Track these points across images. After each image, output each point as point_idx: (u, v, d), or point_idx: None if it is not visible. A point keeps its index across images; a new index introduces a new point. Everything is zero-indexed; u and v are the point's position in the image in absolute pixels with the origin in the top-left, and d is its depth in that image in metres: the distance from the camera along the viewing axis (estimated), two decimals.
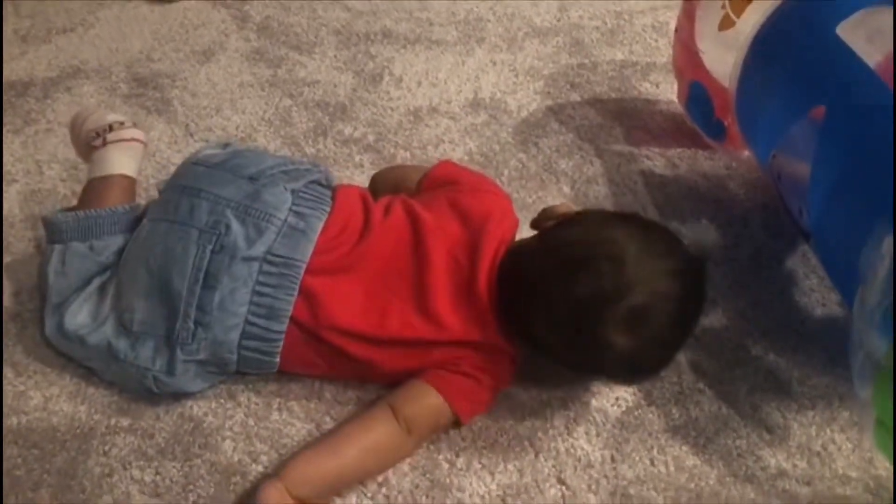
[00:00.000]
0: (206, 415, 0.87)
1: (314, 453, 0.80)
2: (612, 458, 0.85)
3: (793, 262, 1.07)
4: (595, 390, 0.91)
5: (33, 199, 1.11)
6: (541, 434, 0.87)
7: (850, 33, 0.87)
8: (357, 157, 1.21)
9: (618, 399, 0.90)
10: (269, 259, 0.83)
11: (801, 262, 1.07)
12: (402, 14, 1.54)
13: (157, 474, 0.82)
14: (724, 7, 1.12)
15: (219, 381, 0.89)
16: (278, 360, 0.85)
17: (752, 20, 1.03)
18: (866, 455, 0.86)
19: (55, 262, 0.90)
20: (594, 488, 0.82)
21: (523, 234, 0.91)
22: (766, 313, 1.00)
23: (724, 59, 1.08)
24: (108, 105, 1.29)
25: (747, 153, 1.17)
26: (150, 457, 0.83)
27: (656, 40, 1.50)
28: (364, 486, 0.81)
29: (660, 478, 0.84)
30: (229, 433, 0.85)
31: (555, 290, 0.80)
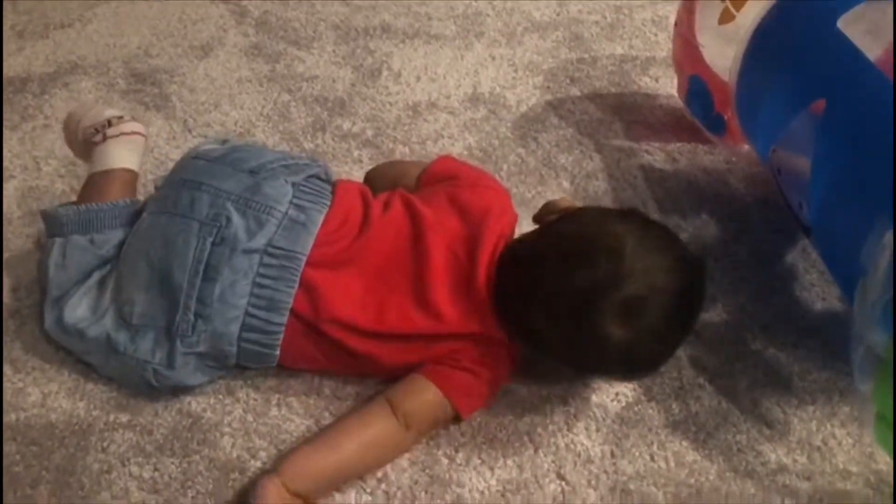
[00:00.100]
0: (204, 411, 0.87)
1: (311, 448, 0.80)
2: (612, 454, 0.85)
3: (793, 256, 1.07)
4: (595, 386, 0.91)
5: (31, 196, 1.10)
6: (540, 429, 0.87)
7: (851, 26, 0.87)
8: (356, 153, 1.21)
9: (617, 394, 0.90)
10: (270, 251, 0.83)
11: (801, 256, 1.07)
12: (400, 9, 1.54)
13: (156, 470, 0.82)
14: (723, 1, 1.12)
15: (218, 377, 0.88)
16: (278, 353, 0.84)
17: (751, 14, 1.03)
18: (867, 450, 0.86)
19: (55, 255, 0.89)
20: (594, 484, 0.82)
21: (523, 230, 0.91)
22: (766, 308, 1.00)
23: (723, 54, 1.08)
24: (106, 101, 1.29)
25: (747, 147, 1.17)
26: (149, 453, 0.83)
27: (656, 34, 1.49)
28: (363, 481, 0.81)
29: (660, 473, 0.84)
30: (228, 429, 0.85)
31: (553, 281, 0.79)
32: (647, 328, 0.78)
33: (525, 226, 0.91)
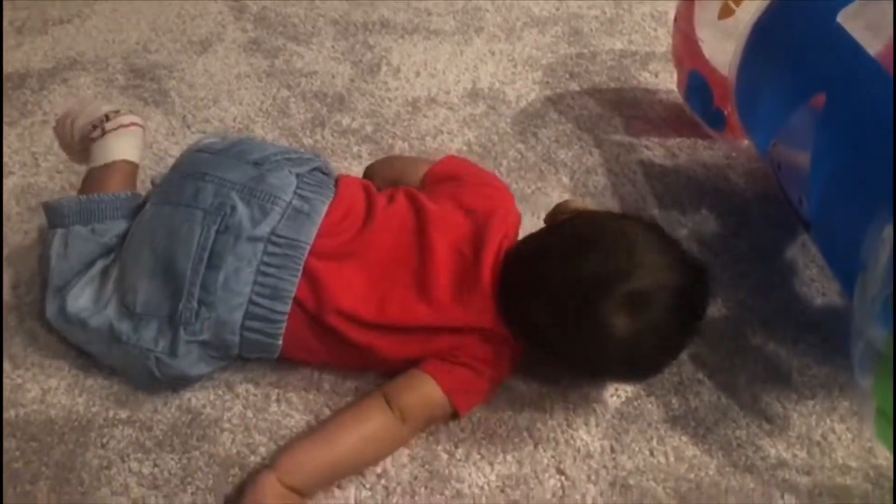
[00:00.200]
0: (204, 407, 0.87)
1: (307, 443, 0.80)
2: (612, 449, 0.85)
3: (793, 251, 1.07)
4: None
5: (29, 192, 1.10)
6: (540, 425, 0.87)
7: (851, 21, 0.87)
8: (355, 148, 1.21)
9: (617, 390, 0.90)
10: (274, 240, 0.83)
11: (801, 251, 1.07)
12: (399, 4, 1.53)
13: (156, 466, 0.82)
14: None
15: (218, 372, 0.88)
16: (280, 342, 0.84)
17: (751, 9, 1.02)
18: (866, 445, 0.86)
19: (57, 245, 0.89)
20: (593, 479, 0.82)
21: (524, 228, 0.91)
22: (765, 303, 1.00)
23: (723, 48, 1.08)
24: (104, 97, 1.28)
25: (747, 142, 1.17)
26: (149, 449, 0.83)
27: (655, 29, 1.49)
28: (363, 477, 0.81)
29: (659, 468, 0.84)
30: (228, 425, 0.85)
31: (562, 271, 0.80)
32: (650, 323, 0.78)
33: (526, 229, 0.91)
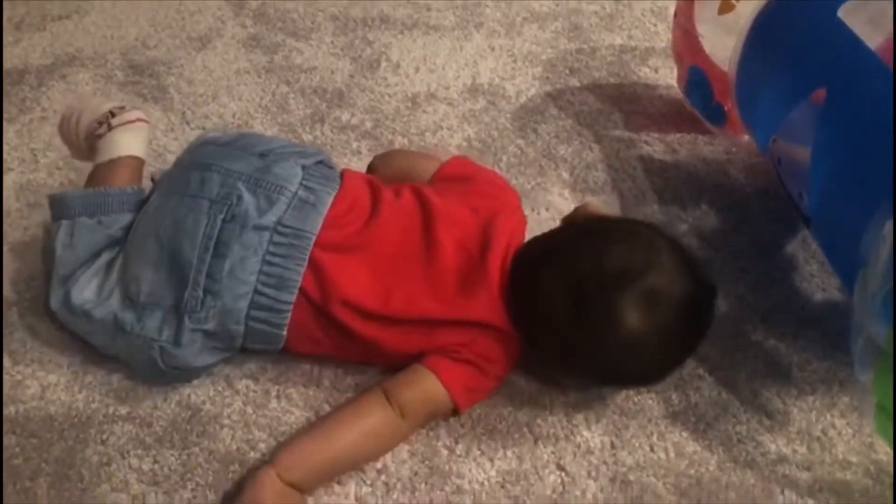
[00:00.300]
0: (204, 403, 0.87)
1: (307, 439, 0.80)
2: (612, 445, 0.85)
3: (793, 247, 1.07)
4: None
5: (29, 188, 1.10)
6: (540, 421, 0.87)
7: (852, 15, 0.87)
8: (355, 144, 1.20)
9: None
10: (280, 230, 0.83)
11: (801, 247, 1.06)
12: None
13: (156, 462, 0.82)
14: None
15: (218, 367, 0.88)
16: (285, 333, 0.84)
17: (751, 4, 1.02)
18: (867, 440, 0.86)
19: (62, 236, 0.88)
20: (594, 474, 0.82)
21: (530, 229, 0.91)
22: (765, 298, 1.00)
23: (723, 44, 1.07)
24: (103, 93, 1.28)
25: (747, 138, 1.16)
26: (149, 445, 0.83)
27: (655, 25, 1.49)
28: (363, 472, 0.81)
29: (659, 464, 0.84)
30: (227, 421, 0.85)
31: (586, 261, 0.81)
32: (659, 325, 0.78)
33: (531, 231, 0.91)
